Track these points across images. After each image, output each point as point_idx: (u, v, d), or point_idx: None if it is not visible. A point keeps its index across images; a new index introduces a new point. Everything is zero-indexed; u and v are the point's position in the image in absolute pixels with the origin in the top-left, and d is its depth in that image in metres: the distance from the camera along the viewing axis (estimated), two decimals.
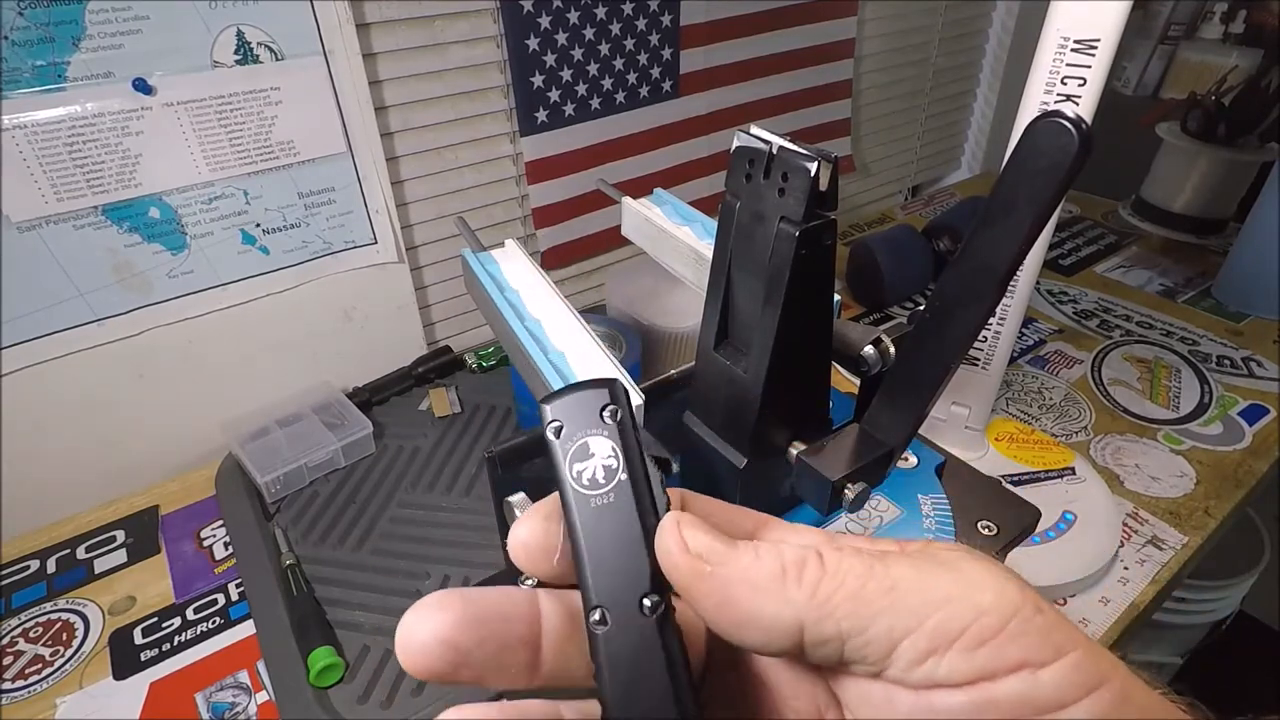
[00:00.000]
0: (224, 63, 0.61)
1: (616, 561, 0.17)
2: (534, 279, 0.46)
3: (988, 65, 1.27)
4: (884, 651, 0.15)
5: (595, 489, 0.17)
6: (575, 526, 0.17)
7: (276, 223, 0.69)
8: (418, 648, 0.16)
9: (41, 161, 0.56)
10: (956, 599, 0.15)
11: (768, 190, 0.29)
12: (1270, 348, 0.86)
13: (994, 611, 0.15)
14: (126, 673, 0.53)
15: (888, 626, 0.15)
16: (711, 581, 0.16)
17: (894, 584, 0.16)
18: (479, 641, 0.16)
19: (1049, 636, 0.15)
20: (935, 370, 0.28)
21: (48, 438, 0.65)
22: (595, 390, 0.18)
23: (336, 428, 0.69)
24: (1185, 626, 1.04)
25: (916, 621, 0.15)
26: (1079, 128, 0.20)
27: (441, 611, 0.16)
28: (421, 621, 0.16)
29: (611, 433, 0.18)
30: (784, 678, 0.19)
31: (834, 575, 0.16)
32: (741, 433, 0.33)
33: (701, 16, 0.86)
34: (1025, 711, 0.14)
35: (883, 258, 0.90)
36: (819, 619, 0.16)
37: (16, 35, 0.53)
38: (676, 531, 0.17)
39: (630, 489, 0.17)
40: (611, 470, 0.17)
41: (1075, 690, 0.14)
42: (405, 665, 0.16)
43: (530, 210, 0.86)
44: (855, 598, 0.16)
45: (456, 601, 0.17)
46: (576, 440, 0.18)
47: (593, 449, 0.17)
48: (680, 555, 0.17)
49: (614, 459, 0.17)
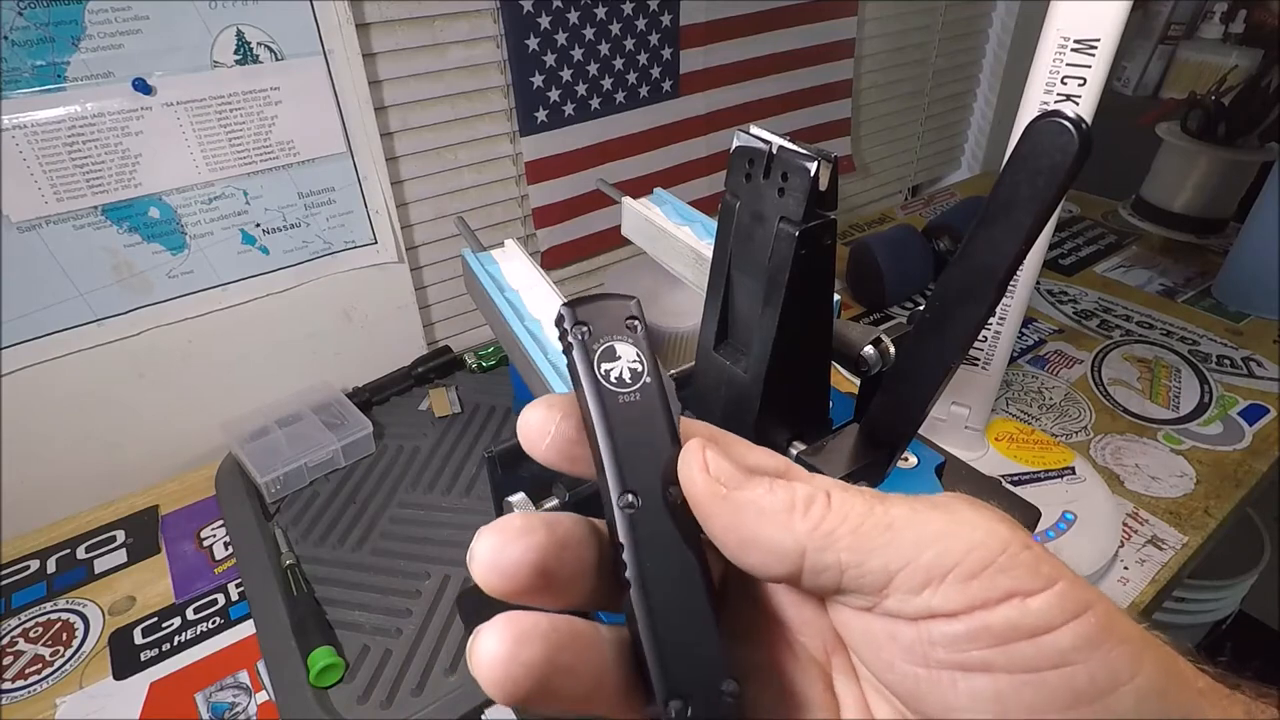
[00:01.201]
0: (224, 63, 0.61)
1: (643, 452, 0.18)
2: (534, 279, 0.46)
3: (988, 65, 1.27)
4: (880, 583, 0.16)
5: (623, 388, 0.18)
6: (604, 417, 0.18)
7: (276, 223, 0.69)
8: (510, 570, 0.17)
9: (41, 161, 0.56)
10: (950, 536, 0.16)
11: (767, 190, 0.29)
12: (1270, 348, 0.86)
13: (985, 546, 0.16)
14: (126, 673, 0.53)
15: (884, 560, 0.16)
16: (725, 504, 0.18)
17: (891, 522, 0.17)
18: (561, 565, 0.17)
19: (1037, 569, 0.16)
20: (935, 370, 0.28)
21: (48, 438, 0.65)
22: (621, 301, 0.19)
23: (336, 428, 0.69)
24: (1185, 626, 1.04)
25: (913, 556, 0.16)
26: (1079, 128, 0.20)
27: (529, 535, 0.17)
28: (511, 545, 0.17)
29: (637, 340, 0.19)
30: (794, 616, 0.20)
31: (838, 511, 0.17)
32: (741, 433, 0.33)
33: (701, 16, 0.86)
34: (1017, 636, 0.15)
35: (883, 258, 0.90)
36: (820, 548, 0.17)
37: (16, 35, 0.53)
38: (701, 453, 0.18)
39: (656, 391, 0.18)
40: (637, 373, 0.18)
41: (1062, 615, 0.15)
42: (491, 586, 0.17)
43: (530, 210, 0.86)
44: (856, 532, 0.17)
45: (541, 526, 0.17)
46: (604, 342, 0.18)
47: (619, 352, 0.18)
48: (700, 474, 0.18)
49: (639, 364, 0.18)
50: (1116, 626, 0.16)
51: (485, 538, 0.17)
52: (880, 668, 0.18)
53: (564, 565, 0.17)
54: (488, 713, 0.49)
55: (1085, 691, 0.15)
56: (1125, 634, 0.16)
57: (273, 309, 0.72)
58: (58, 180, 0.57)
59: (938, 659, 0.16)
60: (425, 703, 0.49)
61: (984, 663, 0.16)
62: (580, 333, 0.18)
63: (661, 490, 0.18)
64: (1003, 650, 0.15)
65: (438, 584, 0.57)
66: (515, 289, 0.44)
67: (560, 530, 0.18)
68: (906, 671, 0.17)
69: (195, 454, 0.72)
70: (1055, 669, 0.15)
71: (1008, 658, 0.15)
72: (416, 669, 0.51)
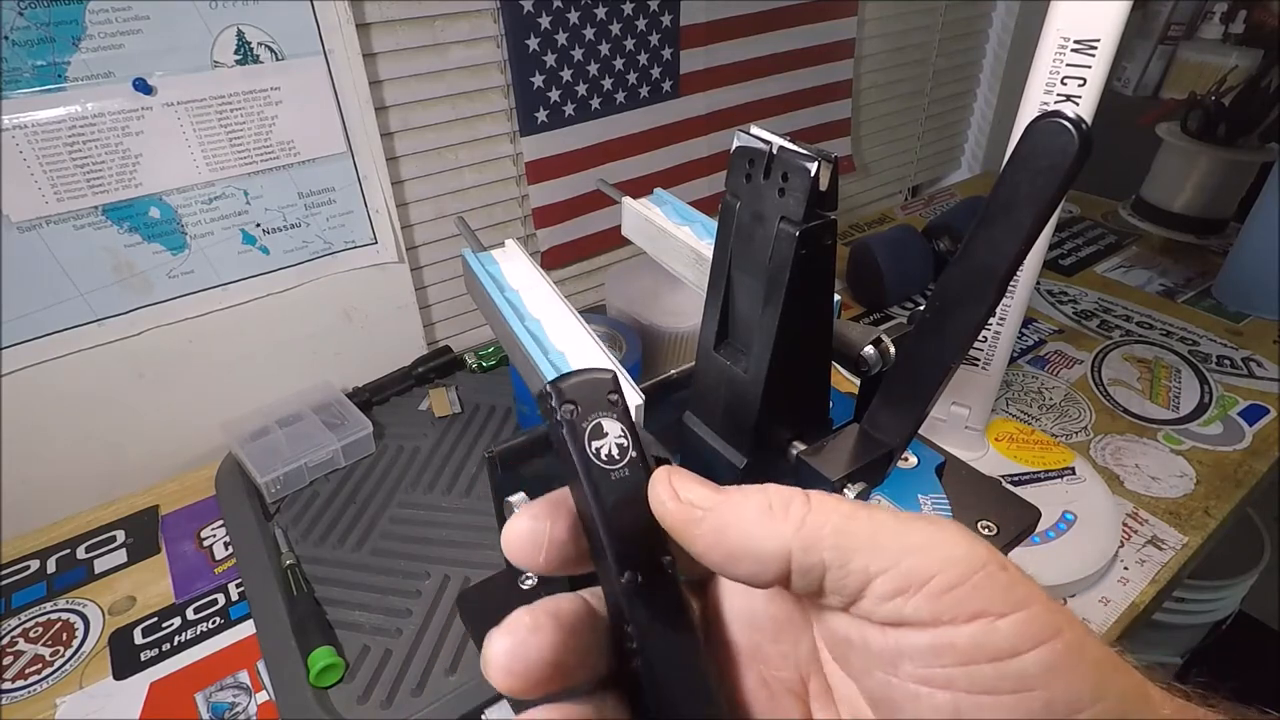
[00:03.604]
0: (224, 63, 0.61)
1: (638, 528, 0.19)
2: (534, 279, 0.46)
3: (988, 65, 1.27)
4: (859, 585, 0.17)
5: (612, 464, 0.19)
6: (599, 498, 0.18)
7: (277, 223, 0.69)
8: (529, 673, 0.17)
9: (41, 161, 0.56)
10: (930, 548, 0.16)
11: (768, 190, 0.28)
12: (1270, 348, 0.86)
13: (962, 563, 0.16)
14: (126, 673, 0.53)
15: (865, 563, 0.17)
16: (703, 524, 0.18)
17: (876, 527, 0.17)
18: (570, 654, 0.18)
19: (1010, 591, 0.16)
20: (935, 370, 0.28)
21: (48, 438, 0.65)
22: (601, 375, 0.20)
23: (336, 428, 0.69)
24: (1185, 626, 1.04)
25: (891, 562, 0.16)
26: (1079, 128, 0.20)
27: (540, 633, 0.17)
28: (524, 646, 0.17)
29: (620, 415, 0.19)
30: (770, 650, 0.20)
31: (819, 510, 0.17)
32: (741, 433, 0.33)
33: (701, 16, 0.86)
34: (981, 657, 0.16)
35: (883, 258, 0.90)
36: (805, 548, 0.17)
37: (16, 35, 0.53)
38: (668, 482, 0.19)
39: (640, 465, 0.19)
40: (624, 448, 0.19)
41: (1028, 640, 0.15)
42: (513, 690, 0.17)
43: (530, 210, 0.86)
44: (840, 532, 0.17)
45: (547, 620, 0.18)
46: (591, 420, 0.19)
47: (606, 429, 0.19)
48: (673, 503, 0.18)
49: (624, 438, 0.19)
50: (1085, 652, 0.16)
51: (498, 641, 0.17)
52: (858, 673, 0.18)
53: (573, 654, 0.18)
54: (488, 713, 0.49)
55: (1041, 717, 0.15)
56: (1093, 660, 0.16)
57: (273, 309, 0.72)
58: (58, 180, 0.57)
59: (905, 671, 0.16)
60: (425, 703, 0.49)
61: (946, 680, 0.16)
62: (569, 411, 0.19)
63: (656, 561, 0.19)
64: (965, 670, 0.16)
65: (438, 584, 0.57)
66: (515, 289, 0.44)
67: (565, 618, 0.18)
68: (880, 679, 0.17)
69: (195, 454, 0.72)
70: (1014, 693, 0.15)
71: (969, 679, 0.16)
72: (416, 669, 0.51)
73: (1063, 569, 0.57)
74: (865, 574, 0.17)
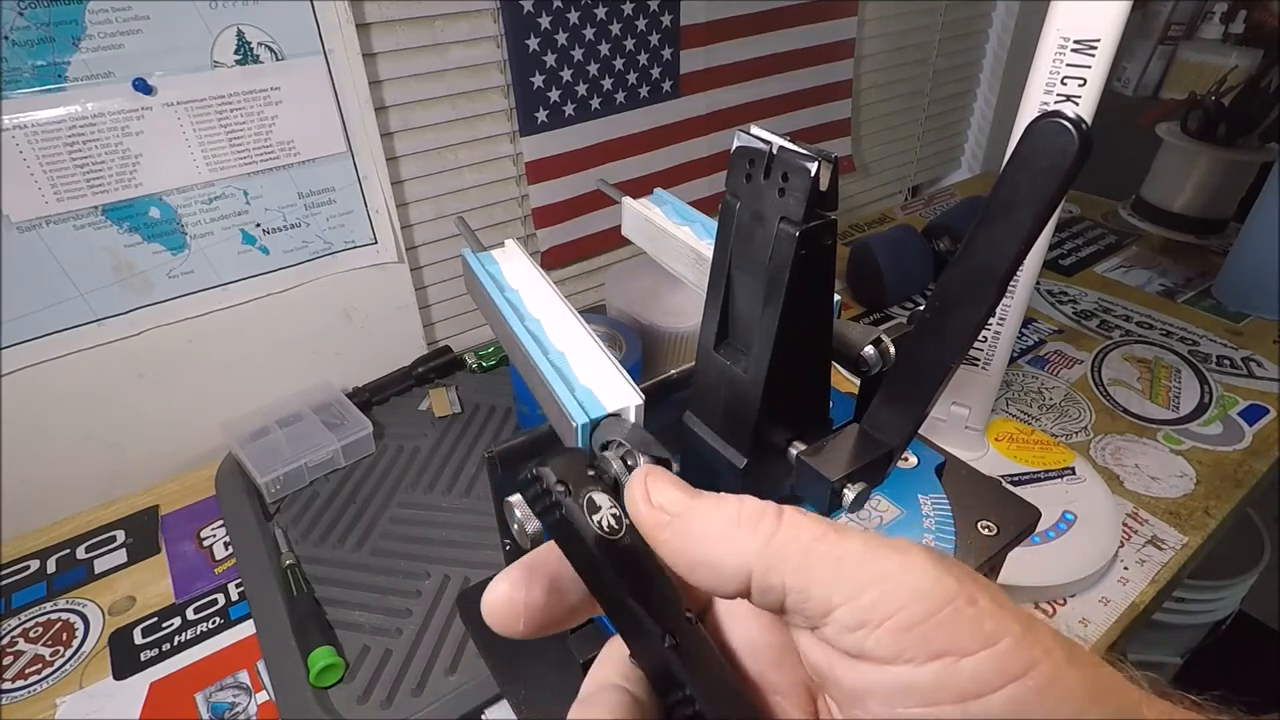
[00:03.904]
0: (224, 63, 0.61)
1: (655, 590, 0.19)
2: (534, 279, 0.46)
3: (988, 65, 1.27)
4: (820, 612, 0.16)
5: (614, 534, 0.19)
6: (622, 574, 0.18)
7: (276, 223, 0.69)
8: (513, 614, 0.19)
9: (41, 161, 0.56)
10: (895, 579, 0.16)
11: (768, 190, 0.28)
12: (1270, 348, 0.86)
13: (928, 598, 0.15)
14: (126, 673, 0.53)
15: (827, 591, 0.16)
16: (671, 529, 0.18)
17: (843, 554, 0.16)
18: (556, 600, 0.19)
19: (979, 626, 0.15)
20: (935, 370, 0.28)
21: (48, 438, 0.65)
22: (575, 452, 0.20)
23: (336, 428, 0.69)
24: (1185, 626, 1.04)
25: (853, 592, 0.16)
26: (1079, 128, 0.20)
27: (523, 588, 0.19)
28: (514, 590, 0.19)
29: (606, 486, 0.19)
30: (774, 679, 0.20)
31: (789, 529, 0.17)
32: (741, 433, 0.33)
33: (701, 16, 0.86)
34: (945, 698, 0.15)
35: (883, 258, 0.90)
36: (766, 569, 0.17)
37: (16, 35, 0.53)
38: (643, 485, 0.19)
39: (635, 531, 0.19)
40: (619, 516, 0.19)
41: (997, 678, 0.15)
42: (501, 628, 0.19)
43: (530, 210, 0.86)
44: (806, 553, 0.16)
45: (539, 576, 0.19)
46: (584, 496, 0.19)
47: (599, 501, 0.19)
48: (644, 505, 0.18)
49: (615, 508, 0.19)
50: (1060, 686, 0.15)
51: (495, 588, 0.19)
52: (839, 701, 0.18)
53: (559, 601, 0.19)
54: (488, 713, 0.49)
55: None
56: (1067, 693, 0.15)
57: (273, 309, 0.72)
58: (58, 180, 0.57)
59: (872, 708, 0.16)
60: (425, 703, 0.49)
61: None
62: (563, 493, 0.19)
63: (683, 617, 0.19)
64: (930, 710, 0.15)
65: (438, 584, 0.57)
66: (515, 289, 0.44)
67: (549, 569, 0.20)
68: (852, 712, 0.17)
69: (195, 454, 0.72)
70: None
71: None
72: (416, 669, 0.51)
73: (1063, 569, 0.57)
74: (827, 603, 0.16)
